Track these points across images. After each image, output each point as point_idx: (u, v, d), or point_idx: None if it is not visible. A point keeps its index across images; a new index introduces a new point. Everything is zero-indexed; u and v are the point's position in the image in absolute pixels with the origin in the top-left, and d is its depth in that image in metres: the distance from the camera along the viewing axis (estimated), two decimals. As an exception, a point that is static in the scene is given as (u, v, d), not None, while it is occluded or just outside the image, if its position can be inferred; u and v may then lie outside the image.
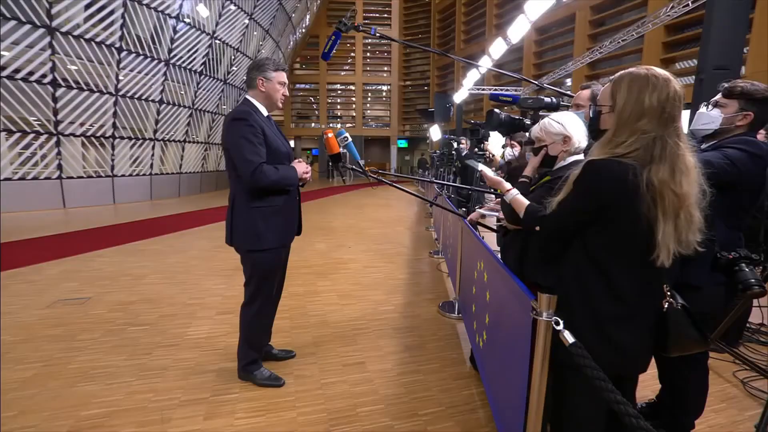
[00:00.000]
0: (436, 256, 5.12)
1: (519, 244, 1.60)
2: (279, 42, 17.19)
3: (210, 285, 3.83)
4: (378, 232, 6.85)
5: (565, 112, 1.59)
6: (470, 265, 2.66)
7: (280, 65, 1.98)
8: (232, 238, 1.96)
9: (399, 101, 26.82)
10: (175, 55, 10.83)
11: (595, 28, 12.29)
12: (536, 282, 1.47)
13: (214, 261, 4.73)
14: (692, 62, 10.02)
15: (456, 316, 3.17)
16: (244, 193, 1.90)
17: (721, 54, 2.62)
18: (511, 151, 2.92)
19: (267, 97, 1.96)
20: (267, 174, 1.83)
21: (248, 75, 1.95)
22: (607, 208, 1.02)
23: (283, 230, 2.02)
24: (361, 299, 3.53)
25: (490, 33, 17.41)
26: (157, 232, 6.48)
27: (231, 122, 1.85)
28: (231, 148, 1.84)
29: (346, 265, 4.66)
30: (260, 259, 1.96)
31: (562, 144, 1.52)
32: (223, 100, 14.08)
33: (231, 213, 1.94)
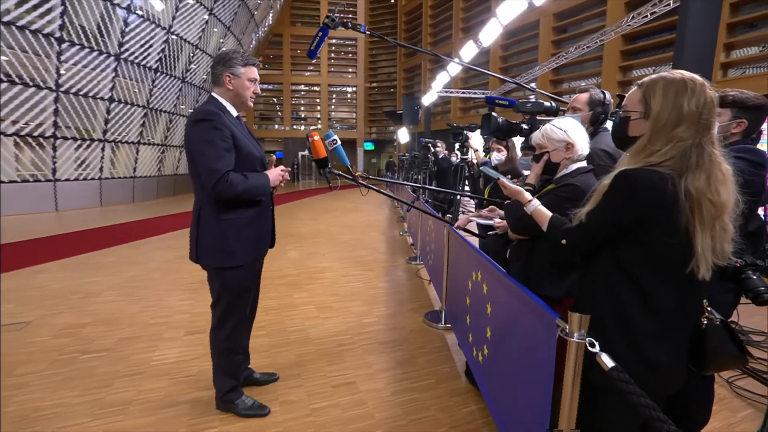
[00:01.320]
0: (414, 263, 5.05)
1: (524, 255, 1.53)
2: (241, 40, 16.63)
3: (175, 301, 3.53)
4: (350, 237, 6.71)
5: (567, 117, 1.55)
6: (461, 274, 2.60)
7: (249, 59, 1.78)
8: (198, 254, 1.75)
9: (365, 103, 26.76)
10: (127, 49, 10.14)
11: (558, 34, 12.83)
12: (544, 294, 1.42)
13: (178, 273, 4.39)
14: (648, 70, 10.67)
15: (443, 326, 3.10)
16: (211, 203, 1.70)
17: (694, 63, 2.74)
18: (498, 156, 2.89)
19: (235, 95, 1.77)
20: (233, 184, 1.63)
21: (213, 70, 1.75)
22: (644, 220, 0.97)
23: (256, 243, 1.84)
24: (341, 311, 3.38)
25: (457, 36, 17.75)
26: (109, 243, 5.96)
27: (195, 123, 1.64)
28: (194, 153, 1.64)
29: (322, 274, 4.49)
30: (231, 277, 1.77)
31: (565, 151, 1.48)
32: (181, 99, 13.38)
33: (196, 225, 1.73)
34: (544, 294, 1.39)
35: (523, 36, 14.02)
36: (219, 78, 1.74)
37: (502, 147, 2.88)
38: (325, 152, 2.06)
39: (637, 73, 10.72)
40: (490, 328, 1.86)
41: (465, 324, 2.38)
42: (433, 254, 3.93)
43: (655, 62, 10.24)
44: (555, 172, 1.52)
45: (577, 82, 12.87)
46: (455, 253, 2.87)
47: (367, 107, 26.91)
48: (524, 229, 1.46)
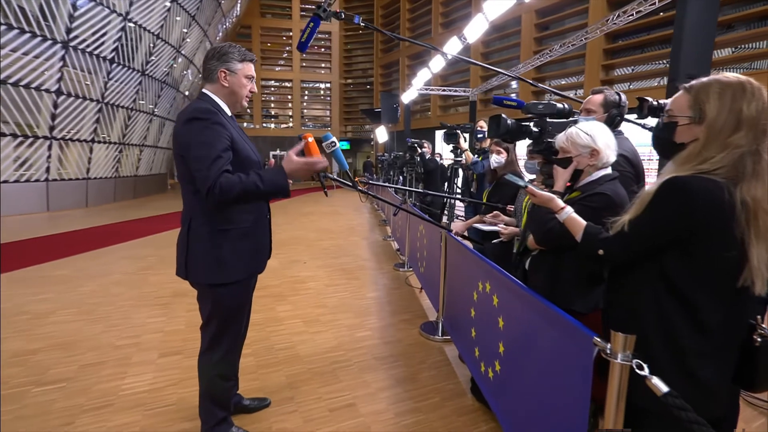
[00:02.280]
0: (402, 270, 5.00)
1: (548, 267, 1.50)
2: (207, 31, 16.16)
3: (144, 318, 3.33)
4: (331, 243, 6.60)
5: (594, 121, 1.53)
6: (463, 284, 2.56)
7: (247, 55, 1.70)
8: (187, 269, 1.63)
9: (340, 100, 26.59)
10: (76, 36, 9.54)
11: (540, 31, 13.15)
12: (571, 309, 1.39)
13: (144, 286, 4.16)
14: (629, 69, 11.09)
15: (441, 338, 3.06)
16: (205, 213, 1.59)
17: (693, 62, 2.82)
18: (497, 158, 2.88)
19: (230, 93, 1.67)
20: (229, 187, 1.45)
21: (206, 65, 1.65)
22: (696, 231, 0.95)
23: (253, 256, 1.74)
24: (331, 325, 3.28)
25: (437, 31, 17.91)
26: (61, 253, 5.59)
27: (187, 122, 1.53)
28: (187, 155, 1.52)
29: (305, 284, 4.36)
30: (225, 295, 1.66)
31: (590, 157, 1.46)
32: (140, 93, 12.83)
33: (186, 237, 1.62)
34: (572, 308, 1.37)
35: (505, 32, 14.30)
36: (213, 73, 1.63)
37: (502, 149, 2.87)
38: (321, 154, 1.98)
39: (619, 72, 11.11)
40: (503, 343, 1.83)
41: (469, 337, 2.35)
42: (425, 261, 3.89)
43: (637, 61, 10.65)
44: (577, 179, 1.50)
45: (558, 80, 13.24)
46: (454, 261, 2.84)
47: (342, 105, 26.75)
48: (553, 240, 1.43)
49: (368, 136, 26.01)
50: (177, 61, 14.77)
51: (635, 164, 1.71)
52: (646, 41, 10.23)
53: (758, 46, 8.32)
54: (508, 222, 2.50)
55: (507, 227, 2.37)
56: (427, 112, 20.30)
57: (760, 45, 8.31)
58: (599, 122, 1.53)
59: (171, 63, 14.36)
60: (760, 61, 8.31)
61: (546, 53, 9.16)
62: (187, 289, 4.22)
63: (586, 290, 1.42)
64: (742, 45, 8.57)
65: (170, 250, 5.89)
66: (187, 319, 3.31)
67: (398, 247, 6.09)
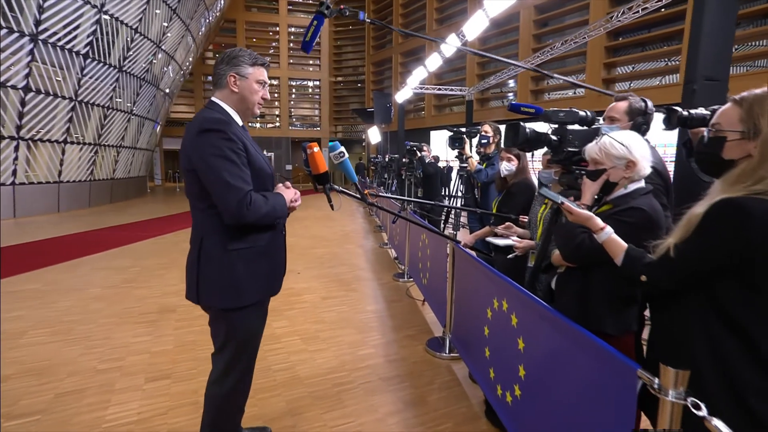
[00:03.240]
0: (402, 280, 4.96)
1: (577, 285, 1.47)
2: (189, 25, 16.01)
3: (128, 338, 3.23)
4: (325, 251, 6.54)
5: (627, 131, 1.51)
6: (474, 299, 2.53)
7: (259, 59, 1.67)
8: (199, 293, 1.58)
9: (330, 99, 26.54)
10: (46, 29, 9.32)
11: (539, 28, 13.28)
12: (603, 331, 1.36)
13: (126, 301, 4.05)
14: (630, 68, 11.24)
15: (448, 355, 3.03)
16: (218, 232, 1.56)
17: (711, 64, 2.84)
18: (508, 166, 2.85)
19: (240, 99, 1.64)
20: (257, 206, 1.51)
21: (216, 70, 1.63)
22: (753, 258, 0.92)
23: (270, 277, 1.70)
24: (331, 342, 3.22)
25: (431, 27, 17.97)
26: (32, 264, 5.43)
27: (201, 134, 1.50)
28: (204, 170, 1.49)
29: (301, 296, 4.30)
30: (240, 320, 1.62)
31: (625, 169, 1.43)
32: (118, 91, 12.63)
33: (197, 259, 1.58)
34: (604, 331, 1.34)
35: (503, 29, 14.41)
36: (222, 78, 1.61)
37: (513, 156, 2.85)
38: (326, 166, 1.94)
39: (621, 70, 11.25)
40: (524, 366, 1.79)
41: (483, 357, 2.31)
42: (428, 273, 3.86)
43: (640, 59, 10.79)
44: (609, 192, 1.48)
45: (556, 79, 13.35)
46: (463, 275, 2.81)
47: (332, 104, 26.69)
48: (583, 256, 1.40)
49: (359, 136, 25.98)
50: (157, 56, 14.60)
51: (664, 176, 1.70)
52: (648, 39, 10.38)
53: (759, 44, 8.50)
54: (521, 234, 2.47)
55: (522, 240, 2.34)
56: (421, 111, 20.33)
57: (761, 43, 8.49)
58: (631, 131, 1.51)
59: (150, 59, 14.17)
60: (760, 59, 8.49)
61: (547, 51, 9.24)
62: (174, 304, 4.18)
63: (619, 310, 1.39)
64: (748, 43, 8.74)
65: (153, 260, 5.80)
66: (176, 338, 3.22)
67: (396, 255, 6.06)
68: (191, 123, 1.57)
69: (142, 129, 15.60)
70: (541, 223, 2.34)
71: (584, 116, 1.84)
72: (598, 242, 1.31)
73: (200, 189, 1.54)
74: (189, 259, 1.63)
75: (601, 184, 1.46)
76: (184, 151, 1.56)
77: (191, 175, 1.54)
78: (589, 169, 1.52)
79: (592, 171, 1.50)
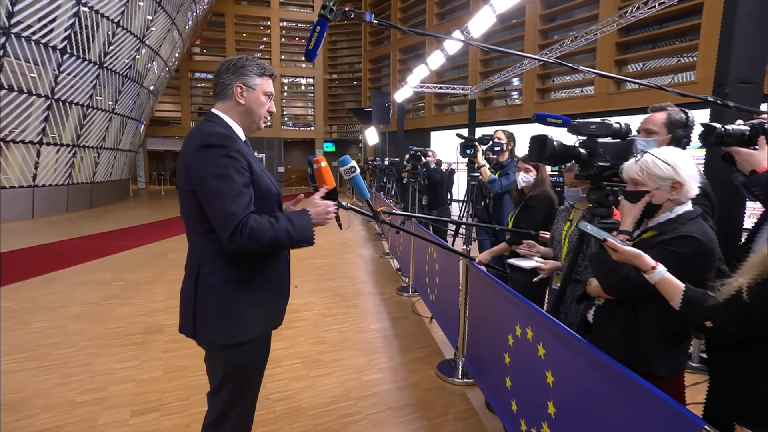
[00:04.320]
0: (407, 294, 4.90)
1: (621, 321, 1.41)
2: (175, 19, 15.94)
3: (111, 363, 3.14)
4: (323, 262, 6.47)
5: (670, 148, 1.45)
6: (492, 323, 2.47)
7: (267, 70, 1.60)
8: (195, 327, 1.50)
9: (324, 98, 26.51)
10: (20, 22, 9.20)
11: (546, 23, 13.32)
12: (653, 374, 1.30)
13: (109, 321, 3.95)
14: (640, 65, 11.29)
15: (461, 381, 2.96)
16: (218, 258, 1.48)
17: (744, 67, 2.81)
18: (525, 176, 2.80)
19: (246, 112, 1.57)
20: (260, 232, 1.40)
21: (219, 79, 1.55)
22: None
23: (274, 307, 1.63)
24: (335, 366, 3.15)
25: (431, 22, 18.00)
26: (3, 278, 5.27)
27: (202, 150, 1.42)
28: (203, 190, 1.41)
29: (299, 314, 4.22)
30: (241, 356, 1.53)
31: (670, 191, 1.37)
32: (98, 89, 12.52)
33: (194, 288, 1.50)
34: (654, 374, 1.28)
35: (508, 24, 14.43)
36: (227, 89, 1.53)
37: (531, 166, 2.80)
38: (334, 182, 1.88)
39: (632, 67, 11.29)
40: (554, 403, 1.73)
41: (503, 387, 2.25)
42: (437, 289, 3.80)
43: (654, 56, 10.82)
44: (652, 215, 1.42)
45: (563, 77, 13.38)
46: (479, 295, 2.75)
47: (326, 102, 26.66)
48: (627, 290, 1.34)
49: (356, 136, 25.95)
50: (140, 52, 14.51)
51: (711, 197, 1.64)
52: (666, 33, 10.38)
53: None
54: (544, 253, 2.42)
55: (546, 261, 2.29)
56: (420, 111, 20.34)
57: None
58: (676, 148, 1.45)
59: (133, 54, 14.08)
60: None
61: (556, 48, 9.25)
62: (162, 324, 4.09)
63: (670, 349, 1.33)
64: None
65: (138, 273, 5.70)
66: (165, 363, 3.14)
67: (399, 266, 6.00)
68: (190, 137, 1.49)
69: (125, 129, 15.49)
70: (566, 241, 2.28)
71: (618, 129, 1.79)
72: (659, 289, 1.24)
73: (199, 211, 1.46)
74: (184, 288, 1.55)
75: (643, 207, 1.41)
76: (181, 168, 1.47)
77: (189, 196, 1.46)
78: (629, 190, 1.46)
79: (631, 192, 1.44)
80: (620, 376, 1.29)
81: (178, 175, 1.50)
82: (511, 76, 12.18)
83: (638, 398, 1.21)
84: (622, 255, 1.22)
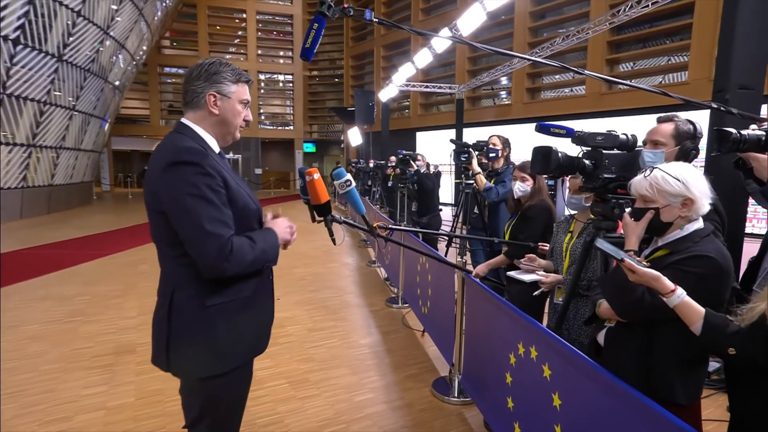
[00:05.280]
0: (396, 306, 4.90)
1: (636, 345, 1.42)
2: (143, 9, 15.66)
3: (77, 389, 3.02)
4: (306, 272, 6.42)
5: (680, 163, 1.48)
6: (492, 340, 2.48)
7: (242, 75, 1.55)
8: (169, 358, 1.44)
9: (304, 95, 26.42)
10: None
11: (536, 20, 13.55)
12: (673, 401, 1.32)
13: (74, 341, 3.82)
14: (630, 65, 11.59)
15: (458, 399, 2.97)
16: (193, 284, 1.42)
17: (744, 72, 2.90)
18: (522, 186, 2.83)
19: (221, 123, 1.52)
20: (241, 254, 1.39)
21: (190, 86, 1.49)
22: None
23: (256, 333, 1.58)
24: (323, 386, 3.12)
25: (417, 17, 18.12)
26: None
27: (172, 168, 1.36)
28: (176, 212, 1.36)
29: (284, 328, 4.17)
30: (222, 389, 1.49)
31: (681, 208, 1.40)
32: (57, 83, 12.18)
33: (167, 317, 1.43)
34: (674, 401, 1.29)
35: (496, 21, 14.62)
36: (199, 97, 1.47)
37: (527, 175, 2.83)
38: (328, 195, 1.86)
39: (624, 67, 11.58)
40: (563, 428, 1.74)
41: (504, 408, 2.26)
42: (430, 301, 3.80)
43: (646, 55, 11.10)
44: (662, 233, 1.44)
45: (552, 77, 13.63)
46: (477, 310, 2.76)
47: (306, 100, 26.55)
48: (642, 313, 1.35)
49: (337, 137, 25.91)
50: (104, 44, 14.18)
51: (721, 213, 1.68)
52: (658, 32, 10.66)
53: None
54: (545, 266, 2.44)
55: (547, 275, 2.31)
56: (405, 110, 20.43)
57: None
58: (686, 164, 1.48)
59: (97, 47, 13.75)
60: None
61: (547, 46, 9.42)
62: (134, 343, 3.99)
63: (688, 375, 1.35)
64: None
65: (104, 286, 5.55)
66: (138, 387, 3.05)
67: (387, 275, 5.99)
68: (158, 152, 1.43)
69: (87, 127, 15.11)
70: (567, 254, 2.31)
71: (625, 140, 1.82)
72: (659, 298, 1.26)
73: (170, 234, 1.40)
74: (156, 317, 1.49)
75: (646, 225, 1.43)
76: (149, 186, 1.41)
77: (159, 217, 1.41)
78: (637, 207, 1.48)
79: (639, 210, 1.46)
80: (638, 403, 1.30)
81: (146, 195, 1.44)
82: (500, 74, 12.36)
83: (658, 428, 1.22)
84: (641, 277, 1.23)
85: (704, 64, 9.09)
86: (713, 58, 8.88)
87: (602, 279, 1.57)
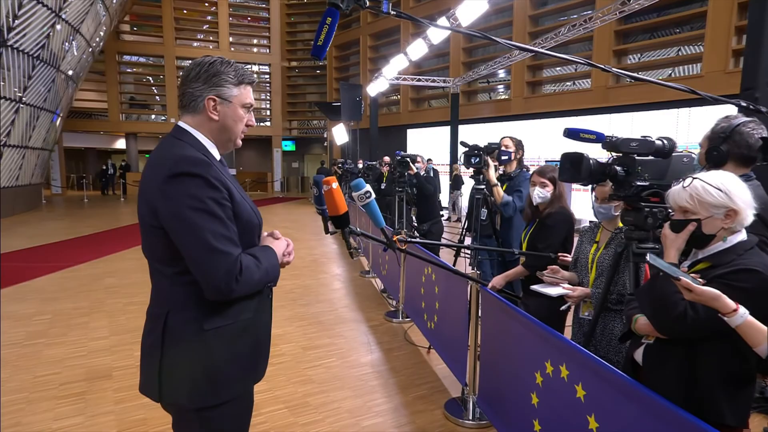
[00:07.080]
0: (396, 320, 4.96)
1: (679, 363, 1.50)
2: (99, -10, 15.46)
3: (47, 422, 2.97)
4: (296, 284, 6.44)
5: (721, 172, 1.55)
6: (513, 357, 2.55)
7: (246, 76, 1.55)
8: (161, 388, 1.44)
9: (283, 88, 26.37)
10: None
11: (536, 8, 13.78)
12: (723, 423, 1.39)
13: (37, 366, 3.75)
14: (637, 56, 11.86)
15: (474, 422, 3.03)
16: (191, 305, 1.43)
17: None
18: (541, 192, 2.91)
19: (220, 128, 1.52)
20: (249, 274, 1.40)
21: (187, 88, 1.49)
22: None
23: (255, 358, 1.57)
24: (325, 411, 3.15)
25: (407, 5, 18.26)
26: None
27: (174, 180, 1.36)
28: (178, 229, 1.37)
29: (277, 347, 4.18)
30: (219, 419, 1.48)
31: (723, 219, 1.47)
32: (1, 72, 11.92)
33: (161, 342, 1.43)
34: (723, 422, 1.36)
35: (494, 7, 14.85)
36: (197, 101, 1.47)
37: (547, 180, 2.91)
38: (346, 206, 1.91)
39: (633, 59, 11.84)
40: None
41: (529, 431, 2.32)
42: (437, 316, 3.86)
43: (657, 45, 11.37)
44: (703, 245, 1.52)
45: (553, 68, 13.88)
46: (494, 325, 2.83)
47: (284, 94, 26.51)
48: (686, 330, 1.42)
49: (320, 134, 25.92)
50: (55, 28, 13.94)
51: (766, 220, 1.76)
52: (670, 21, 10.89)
53: None
54: (568, 279, 2.52)
55: (574, 288, 2.38)
56: (394, 105, 20.54)
57: None
58: (725, 172, 1.54)
59: (47, 31, 13.52)
60: None
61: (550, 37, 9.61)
62: (109, 367, 3.96)
63: (736, 395, 1.42)
64: None
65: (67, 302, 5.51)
66: (119, 417, 3.03)
67: (384, 287, 6.04)
68: (155, 161, 1.43)
69: (36, 122, 14.84)
70: (593, 266, 2.39)
71: (661, 146, 1.90)
72: (703, 313, 1.33)
73: (167, 250, 1.40)
74: (146, 342, 1.49)
75: (686, 237, 1.48)
76: (145, 200, 1.41)
77: (155, 232, 1.40)
78: (676, 219, 1.53)
79: (679, 222, 1.51)
80: (685, 424, 1.36)
81: (141, 209, 1.44)
82: (499, 67, 12.54)
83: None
84: (699, 296, 1.27)
85: (720, 55, 9.33)
86: (729, 49, 9.17)
87: (640, 293, 1.62)
